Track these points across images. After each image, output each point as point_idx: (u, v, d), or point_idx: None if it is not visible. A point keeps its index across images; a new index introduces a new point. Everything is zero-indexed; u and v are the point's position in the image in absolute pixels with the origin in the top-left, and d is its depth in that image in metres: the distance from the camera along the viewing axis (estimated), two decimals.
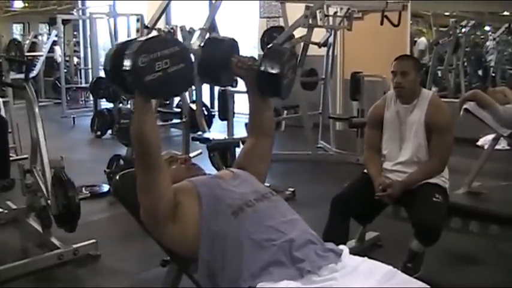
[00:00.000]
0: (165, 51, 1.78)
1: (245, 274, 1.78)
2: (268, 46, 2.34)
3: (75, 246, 3.80)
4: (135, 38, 1.90)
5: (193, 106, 6.34)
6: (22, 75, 4.47)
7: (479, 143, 6.72)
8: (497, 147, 4.11)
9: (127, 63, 1.77)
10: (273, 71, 2.21)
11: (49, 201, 3.75)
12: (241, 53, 2.36)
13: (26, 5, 15.29)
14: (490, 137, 4.34)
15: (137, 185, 1.99)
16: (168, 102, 9.06)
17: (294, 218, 2.03)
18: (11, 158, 4.19)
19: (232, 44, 2.37)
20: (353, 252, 1.96)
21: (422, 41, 9.31)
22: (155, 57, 1.76)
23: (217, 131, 6.57)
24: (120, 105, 8.38)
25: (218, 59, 2.29)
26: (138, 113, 1.88)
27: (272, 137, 2.46)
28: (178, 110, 8.08)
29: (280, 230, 1.89)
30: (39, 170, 4.01)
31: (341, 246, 1.97)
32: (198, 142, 5.27)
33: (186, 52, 1.87)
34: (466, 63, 9.39)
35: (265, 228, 1.89)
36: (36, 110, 4.05)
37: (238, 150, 4.62)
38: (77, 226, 3.67)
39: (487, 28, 9.55)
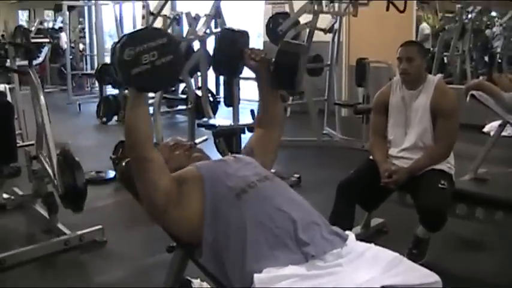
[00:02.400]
0: (152, 43, 1.76)
1: (249, 256, 1.78)
2: (284, 39, 2.35)
3: (81, 232, 3.82)
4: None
5: (199, 92, 6.35)
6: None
7: (485, 129, 6.70)
8: (503, 133, 4.09)
9: (115, 57, 1.77)
10: (290, 63, 2.23)
11: (55, 182, 3.76)
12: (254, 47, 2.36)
13: None
14: (496, 123, 4.32)
15: (134, 178, 2.00)
16: (173, 88, 9.07)
17: (297, 198, 2.03)
18: (17, 144, 4.20)
19: (245, 36, 2.38)
20: (358, 238, 1.96)
21: (423, 27, 9.24)
22: (141, 50, 1.74)
23: (222, 117, 6.56)
24: (126, 91, 8.39)
25: (233, 50, 2.31)
26: (129, 106, 1.88)
27: (281, 129, 2.45)
28: (184, 96, 8.09)
29: (283, 209, 1.89)
30: (45, 156, 4.03)
31: (347, 232, 1.97)
32: (203, 128, 5.27)
33: (175, 44, 1.83)
34: (472, 49, 9.34)
35: (268, 209, 1.89)
36: (41, 95, 4.05)
37: (243, 137, 4.62)
38: (83, 210, 3.69)
39: (493, 14, 9.49)
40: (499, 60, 9.42)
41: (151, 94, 7.54)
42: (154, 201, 1.98)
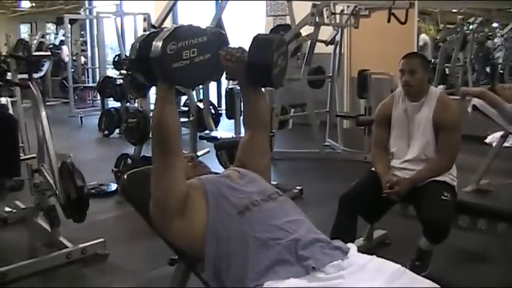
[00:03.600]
0: (194, 41, 1.81)
1: (250, 273, 1.77)
2: (257, 34, 2.25)
3: (83, 245, 3.81)
4: (162, 28, 1.93)
5: (201, 105, 6.35)
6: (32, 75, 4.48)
7: (487, 140, 6.66)
8: (505, 144, 4.08)
9: (156, 50, 1.80)
10: (262, 60, 2.14)
11: (57, 192, 3.76)
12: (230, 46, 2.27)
13: (33, 4, 15.33)
14: (498, 134, 4.31)
15: (151, 175, 2.00)
16: (175, 101, 9.08)
17: (299, 218, 2.02)
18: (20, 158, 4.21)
19: (219, 36, 2.30)
20: (361, 250, 1.95)
21: (420, 38, 9.24)
22: (183, 45, 1.79)
23: (224, 130, 6.57)
24: (128, 104, 8.41)
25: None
26: (160, 101, 1.92)
27: (268, 129, 2.44)
28: (186, 108, 8.09)
29: (285, 229, 1.89)
30: (47, 168, 4.03)
31: (349, 244, 1.96)
32: (205, 141, 5.28)
33: (214, 43, 1.90)
34: (473, 60, 9.35)
35: (270, 227, 1.89)
36: (42, 108, 4.06)
37: None
38: (85, 223, 3.68)
39: (494, 25, 9.50)
40: (501, 71, 9.41)
41: (153, 106, 7.55)
42: (168, 203, 1.98)
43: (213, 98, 9.56)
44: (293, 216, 2.02)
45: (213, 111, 6.80)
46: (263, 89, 2.48)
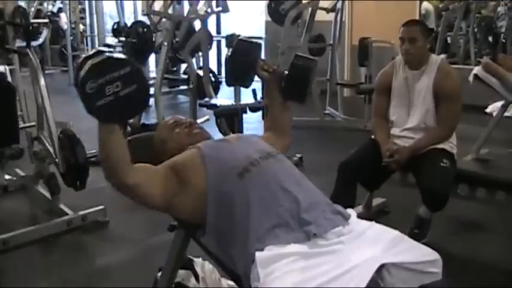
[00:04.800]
0: (115, 74, 1.66)
1: (252, 236, 1.78)
2: (297, 54, 2.46)
3: (83, 212, 3.83)
4: (96, 52, 1.76)
5: (200, 72, 6.33)
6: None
7: (487, 110, 6.67)
8: (506, 114, 4.08)
9: (78, 89, 1.68)
10: (304, 76, 2.39)
11: (57, 160, 3.77)
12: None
13: None
14: (499, 104, 4.30)
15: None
16: (175, 68, 9.04)
17: (300, 177, 2.02)
18: (19, 126, 4.21)
19: (259, 47, 2.50)
20: (360, 218, 1.96)
21: (424, 6, 9.14)
22: (104, 81, 1.65)
23: (224, 97, 6.54)
24: None
25: (247, 61, 2.42)
26: (99, 134, 1.80)
27: (289, 138, 2.48)
28: (185, 76, 8.07)
29: (286, 188, 1.89)
30: (46, 136, 4.02)
31: (348, 210, 1.97)
32: (205, 108, 5.26)
33: (139, 72, 1.73)
34: (476, 30, 9.27)
35: (271, 187, 1.88)
36: (40, 76, 4.03)
37: (245, 116, 4.61)
38: (85, 190, 3.69)
39: None
40: (503, 40, 9.34)
41: (153, 74, 7.52)
42: (154, 208, 2.01)
43: (213, 65, 9.52)
44: (293, 174, 2.02)
45: (212, 78, 6.77)
46: None
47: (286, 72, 2.41)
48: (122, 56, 1.71)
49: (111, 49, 1.89)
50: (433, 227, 3.33)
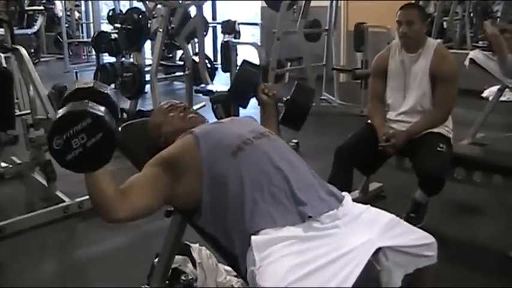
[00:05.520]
0: (77, 127, 1.68)
1: (247, 214, 1.78)
2: (298, 83, 2.57)
3: (79, 199, 3.83)
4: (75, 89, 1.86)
5: (196, 59, 6.30)
6: (25, 31, 4.43)
7: (484, 94, 6.68)
8: (502, 98, 4.09)
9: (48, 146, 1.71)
10: (305, 104, 2.50)
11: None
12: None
13: None
14: (495, 88, 4.31)
15: None
16: (171, 55, 9.00)
17: (293, 157, 2.02)
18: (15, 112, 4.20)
19: (259, 72, 2.62)
20: (356, 202, 1.96)
21: None
22: (69, 136, 1.67)
23: (220, 83, 6.53)
24: (123, 59, 8.33)
25: (250, 83, 2.50)
26: (85, 177, 1.83)
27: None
28: (181, 62, 8.04)
29: (279, 167, 1.88)
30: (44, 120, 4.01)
31: (343, 193, 1.97)
32: (201, 94, 5.25)
33: (101, 121, 1.71)
34: (472, 14, 9.25)
35: (264, 166, 1.88)
36: (30, 65, 4.07)
37: None
38: (82, 177, 3.67)
39: None
40: None
41: (148, 61, 7.48)
42: (152, 213, 2.00)
43: (209, 51, 9.49)
44: (286, 154, 2.01)
45: (208, 65, 6.75)
46: None
47: (285, 98, 2.49)
48: (81, 107, 1.71)
49: (88, 85, 1.94)
50: (429, 210, 3.34)
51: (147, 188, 1.94)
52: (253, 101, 2.54)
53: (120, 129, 2.42)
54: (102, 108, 1.73)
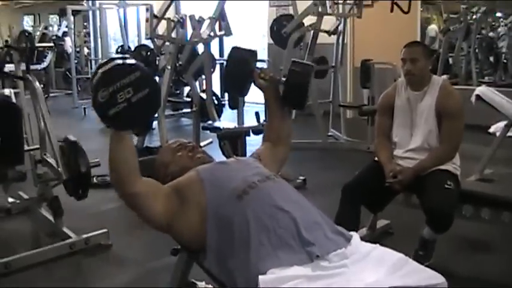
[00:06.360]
0: (125, 80, 1.69)
1: (253, 258, 1.77)
2: (294, 60, 2.44)
3: (86, 235, 3.82)
4: (111, 59, 1.81)
5: (203, 95, 6.34)
6: (35, 66, 4.48)
7: (491, 130, 6.66)
8: (509, 134, 4.08)
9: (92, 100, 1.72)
10: (302, 83, 2.34)
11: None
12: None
13: None
14: (502, 124, 4.31)
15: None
16: (178, 92, 9.07)
17: (299, 198, 2.02)
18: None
19: (255, 56, 2.47)
20: (364, 240, 1.95)
21: (432, 28, 9.25)
22: (115, 88, 1.67)
23: (227, 120, 6.55)
24: None
25: (243, 70, 2.39)
26: (111, 141, 1.84)
27: (288, 147, 2.49)
28: (189, 99, 8.09)
29: (285, 209, 1.88)
30: (50, 156, 4.03)
31: (351, 233, 1.96)
32: (208, 131, 5.26)
33: (149, 76, 1.76)
34: (477, 50, 9.32)
35: (269, 209, 1.88)
36: (42, 99, 4.07)
37: (248, 139, 4.61)
38: (88, 213, 3.68)
39: (498, 14, 9.46)
40: (504, 61, 9.38)
41: None
42: (155, 225, 2.02)
43: (216, 88, 9.55)
44: (292, 195, 2.02)
45: (216, 101, 6.79)
46: None
47: (284, 78, 2.40)
48: (131, 61, 1.72)
49: (124, 55, 1.95)
50: (437, 248, 3.31)
51: (159, 195, 1.99)
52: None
53: None
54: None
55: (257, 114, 4.39)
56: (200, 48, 6.44)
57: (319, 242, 1.80)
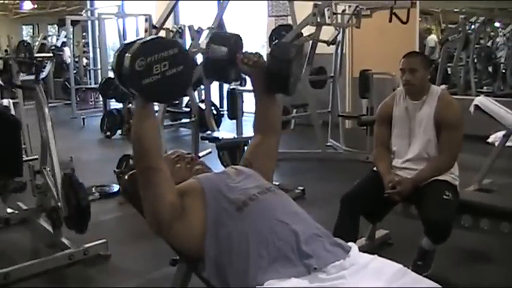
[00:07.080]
0: (164, 54, 1.74)
1: (252, 270, 1.77)
2: (275, 43, 2.32)
3: (85, 246, 3.81)
4: (140, 38, 1.86)
5: (202, 105, 6.36)
6: (32, 77, 4.49)
7: (489, 139, 6.68)
8: (508, 144, 4.08)
9: (124, 67, 1.74)
10: (281, 69, 2.21)
11: (59, 204, 3.77)
12: (248, 50, 2.32)
13: (35, 6, 15.34)
14: (501, 133, 4.31)
15: (139, 190, 1.99)
16: (177, 102, 9.08)
17: (298, 210, 2.02)
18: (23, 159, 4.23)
19: (237, 40, 2.31)
20: (363, 250, 1.95)
21: (431, 38, 9.29)
22: (153, 60, 1.72)
23: (226, 130, 6.57)
24: (130, 105, 8.41)
25: (224, 55, 2.23)
26: (136, 117, 1.87)
27: (279, 134, 2.44)
28: (188, 109, 8.10)
29: (284, 221, 1.88)
30: (49, 171, 4.03)
31: (350, 244, 1.95)
32: (207, 141, 5.28)
33: (186, 54, 1.82)
34: (475, 60, 9.35)
35: (269, 221, 1.88)
36: (46, 110, 4.06)
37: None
38: (87, 227, 3.68)
39: (496, 24, 9.50)
40: (503, 71, 9.41)
41: (155, 107, 7.56)
42: (160, 216, 1.97)
43: (215, 98, 9.56)
44: (291, 208, 2.01)
45: (214, 111, 6.80)
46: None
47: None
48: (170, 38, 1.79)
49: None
50: (436, 258, 3.30)
51: (173, 186, 2.01)
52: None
53: (126, 177, 2.44)
54: None
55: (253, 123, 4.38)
56: (199, 58, 6.46)
57: (317, 254, 1.80)
